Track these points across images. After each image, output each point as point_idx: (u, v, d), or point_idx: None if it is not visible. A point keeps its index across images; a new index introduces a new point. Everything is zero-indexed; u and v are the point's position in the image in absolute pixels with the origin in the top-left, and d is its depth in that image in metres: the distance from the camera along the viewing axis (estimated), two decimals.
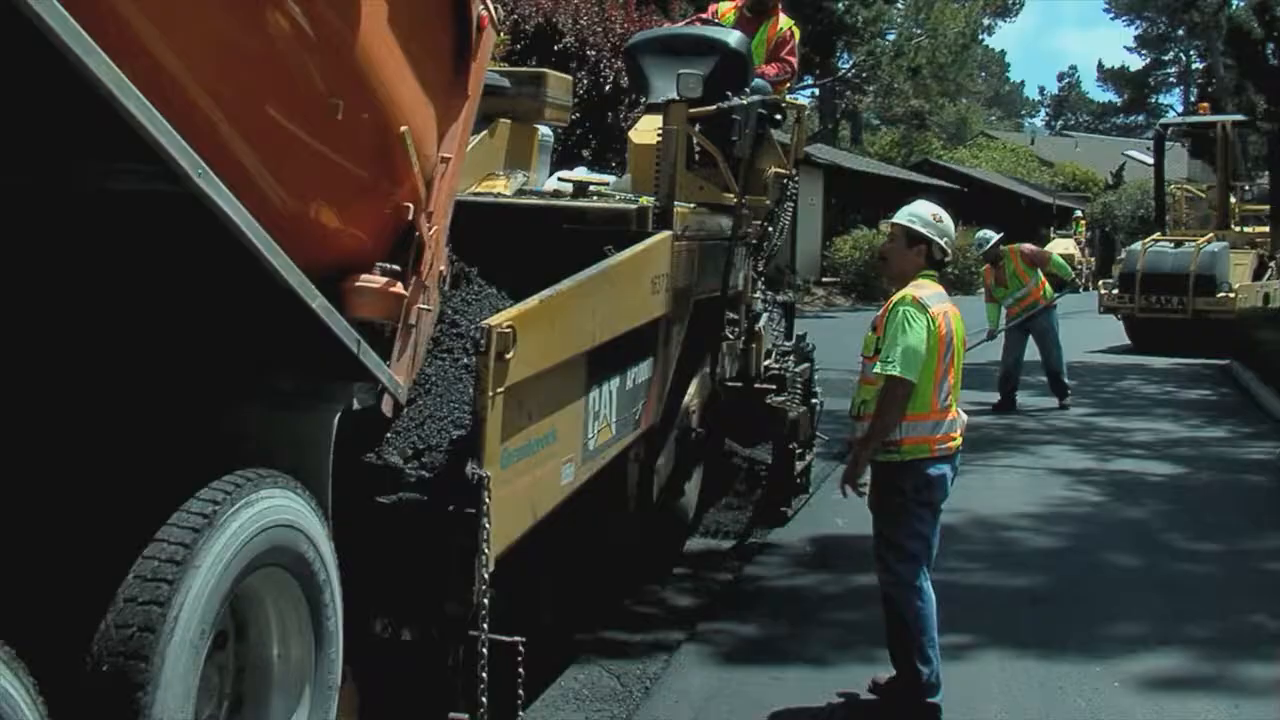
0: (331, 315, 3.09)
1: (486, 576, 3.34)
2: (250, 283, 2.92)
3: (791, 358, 7.29)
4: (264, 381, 3.20)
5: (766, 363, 6.84)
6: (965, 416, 4.90)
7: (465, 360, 3.82)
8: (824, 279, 30.50)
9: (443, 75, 3.72)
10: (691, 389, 5.94)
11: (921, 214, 4.89)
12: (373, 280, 3.40)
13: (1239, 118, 21.49)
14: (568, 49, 17.59)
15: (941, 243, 4.86)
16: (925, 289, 4.76)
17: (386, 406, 3.47)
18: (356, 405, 3.30)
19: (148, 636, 2.52)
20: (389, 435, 3.52)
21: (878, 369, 4.65)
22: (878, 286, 28.09)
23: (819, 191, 32.41)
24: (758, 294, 6.73)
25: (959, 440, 4.80)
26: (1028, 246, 13.09)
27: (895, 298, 4.77)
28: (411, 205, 3.51)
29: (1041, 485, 9.04)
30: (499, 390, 3.38)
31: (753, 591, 6.30)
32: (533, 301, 3.69)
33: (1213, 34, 49.10)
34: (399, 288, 3.47)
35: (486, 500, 3.31)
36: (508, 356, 3.39)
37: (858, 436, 4.81)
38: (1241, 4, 33.54)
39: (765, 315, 6.81)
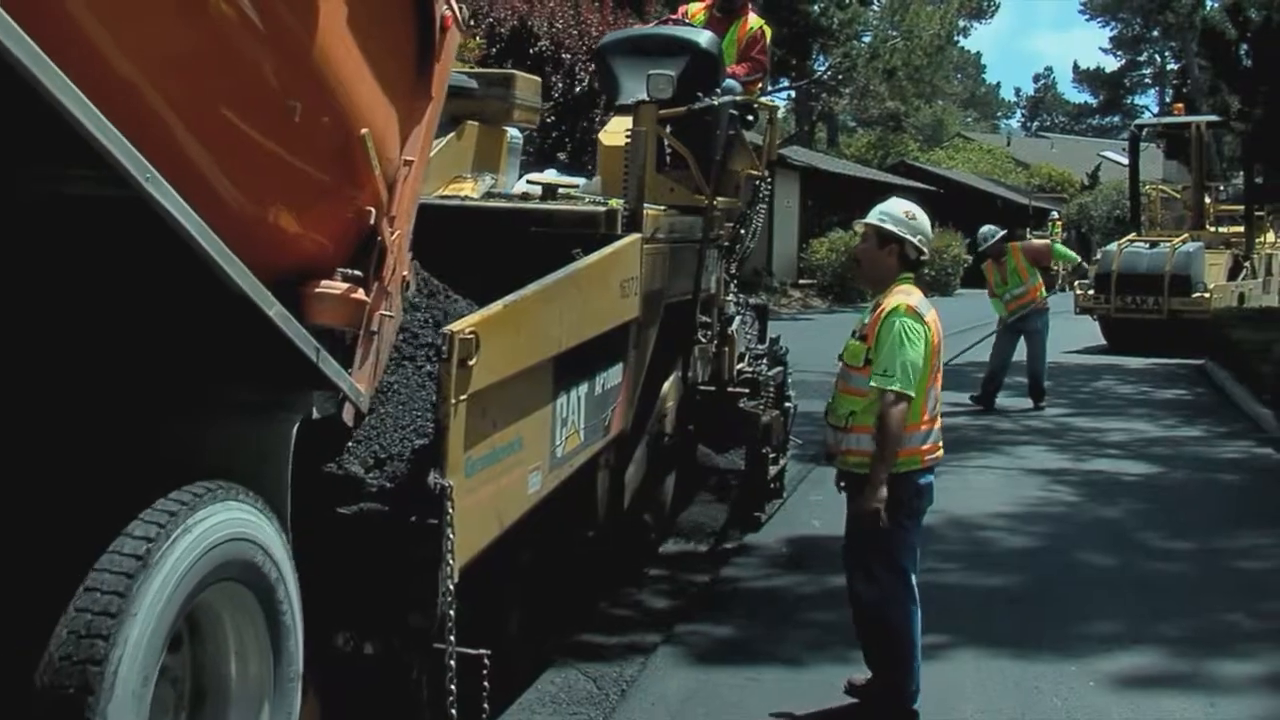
0: (289, 323, 3.02)
1: (451, 588, 3.28)
2: (205, 290, 2.85)
3: (765, 361, 7.25)
4: (220, 391, 3.13)
5: (739, 366, 6.80)
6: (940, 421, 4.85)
7: (428, 367, 3.76)
8: (801, 281, 30.53)
9: (405, 76, 3.66)
10: (663, 394, 5.89)
11: (893, 212, 4.72)
12: (334, 286, 3.33)
13: (1213, 118, 21.58)
14: (543, 52, 17.58)
15: (915, 240, 4.67)
16: (914, 296, 4.62)
17: (348, 415, 3.40)
18: (316, 414, 3.23)
19: (87, 698, 2.41)
20: (350, 444, 3.46)
21: (876, 383, 4.48)
22: (854, 288, 28.16)
23: (795, 194, 32.41)
24: (730, 297, 6.69)
25: (942, 450, 4.75)
26: (1029, 243, 13.13)
27: (888, 306, 4.58)
28: (373, 209, 3.45)
29: (1017, 485, 9.05)
30: (462, 398, 3.32)
31: (729, 593, 6.29)
32: (497, 307, 3.63)
33: (1187, 35, 49.45)
34: (360, 294, 3.40)
35: (450, 510, 3.25)
36: (471, 363, 3.33)
37: (846, 448, 4.68)
38: (1215, 5, 33.75)
39: (738, 318, 6.77)
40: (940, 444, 4.72)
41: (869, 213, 4.80)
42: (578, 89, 17.08)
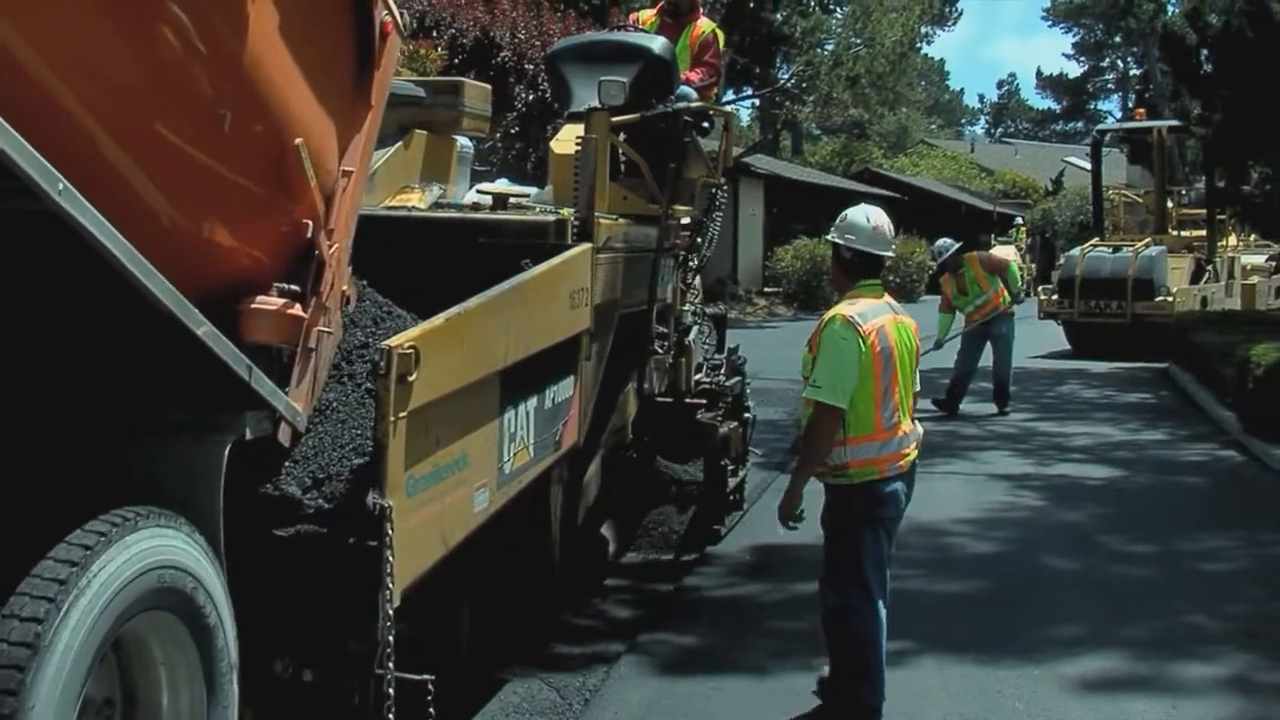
0: (219, 341, 2.92)
1: (391, 612, 3.18)
2: (129, 307, 2.75)
3: (723, 371, 7.17)
4: (148, 412, 3.02)
5: (697, 377, 6.70)
6: (921, 430, 4.80)
7: (369, 384, 3.66)
8: (766, 289, 30.53)
9: (343, 85, 3.56)
10: (619, 406, 5.79)
11: (835, 221, 4.80)
12: (269, 302, 3.23)
13: (1174, 123, 21.69)
14: (505, 63, 17.52)
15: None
16: (859, 304, 4.60)
17: (284, 435, 3.29)
18: (250, 435, 3.12)
19: None
20: (287, 464, 3.35)
21: (806, 394, 4.54)
22: (820, 296, 28.22)
23: (759, 201, 32.45)
24: (688, 306, 6.60)
25: (912, 455, 4.70)
26: (986, 254, 13.14)
27: (827, 316, 4.63)
28: (310, 222, 3.35)
29: (981, 491, 9.06)
30: (401, 415, 3.22)
31: (692, 602, 6.29)
32: (438, 320, 3.53)
33: (1149, 40, 49.78)
34: (297, 309, 3.30)
35: (389, 531, 3.15)
36: (410, 379, 3.23)
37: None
38: (1176, 11, 34.03)
39: (695, 328, 6.67)
40: (905, 451, 4.67)
41: None
42: (530, 98, 17.04)
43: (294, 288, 3.31)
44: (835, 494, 4.65)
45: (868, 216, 4.73)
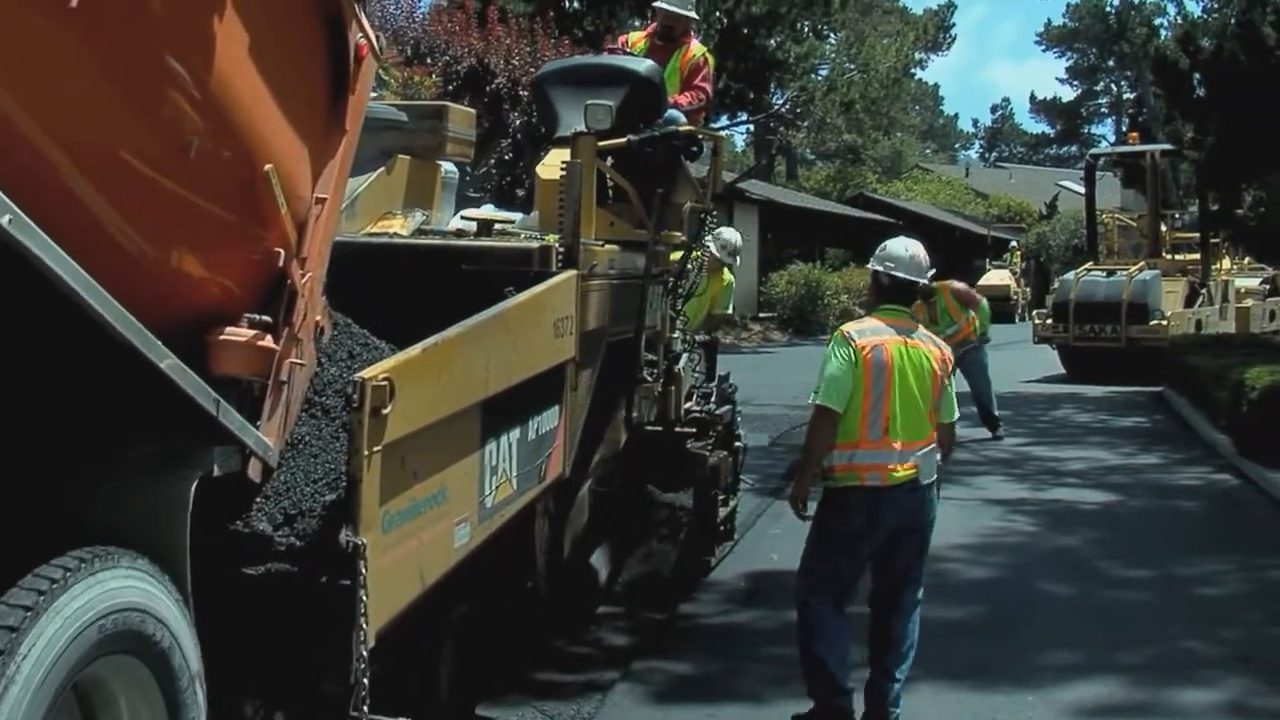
0: (184, 375, 2.82)
1: (365, 653, 3.08)
2: (90, 340, 2.65)
3: (713, 399, 7.07)
4: (111, 448, 2.92)
5: (687, 405, 6.61)
6: (926, 449, 4.80)
7: (343, 418, 3.56)
8: (760, 314, 30.52)
9: (316, 109, 3.48)
10: (606, 436, 5.69)
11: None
12: (239, 333, 3.14)
13: (1167, 147, 21.76)
14: (499, 89, 17.56)
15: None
16: (863, 323, 4.90)
17: (254, 471, 3.19)
18: (218, 471, 3.02)
19: None
20: (258, 501, 3.25)
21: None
22: (814, 321, 28.23)
23: (754, 227, 32.45)
24: (677, 333, 6.52)
25: (904, 473, 4.74)
26: (959, 285, 13.02)
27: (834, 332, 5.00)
28: (282, 251, 3.27)
29: (975, 516, 8.99)
30: (376, 449, 3.12)
31: (687, 629, 6.25)
32: (414, 351, 3.44)
33: (1142, 64, 50.15)
34: (268, 341, 3.21)
35: (363, 570, 3.04)
36: (385, 412, 3.13)
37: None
38: (1168, 35, 34.20)
39: (685, 356, 6.59)
40: (891, 466, 4.72)
41: None
42: (519, 122, 17.09)
43: (265, 318, 3.22)
44: (824, 496, 4.90)
45: (905, 247, 5.05)
